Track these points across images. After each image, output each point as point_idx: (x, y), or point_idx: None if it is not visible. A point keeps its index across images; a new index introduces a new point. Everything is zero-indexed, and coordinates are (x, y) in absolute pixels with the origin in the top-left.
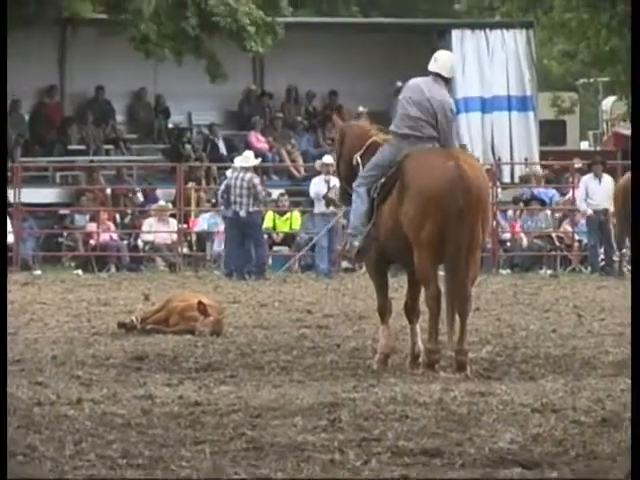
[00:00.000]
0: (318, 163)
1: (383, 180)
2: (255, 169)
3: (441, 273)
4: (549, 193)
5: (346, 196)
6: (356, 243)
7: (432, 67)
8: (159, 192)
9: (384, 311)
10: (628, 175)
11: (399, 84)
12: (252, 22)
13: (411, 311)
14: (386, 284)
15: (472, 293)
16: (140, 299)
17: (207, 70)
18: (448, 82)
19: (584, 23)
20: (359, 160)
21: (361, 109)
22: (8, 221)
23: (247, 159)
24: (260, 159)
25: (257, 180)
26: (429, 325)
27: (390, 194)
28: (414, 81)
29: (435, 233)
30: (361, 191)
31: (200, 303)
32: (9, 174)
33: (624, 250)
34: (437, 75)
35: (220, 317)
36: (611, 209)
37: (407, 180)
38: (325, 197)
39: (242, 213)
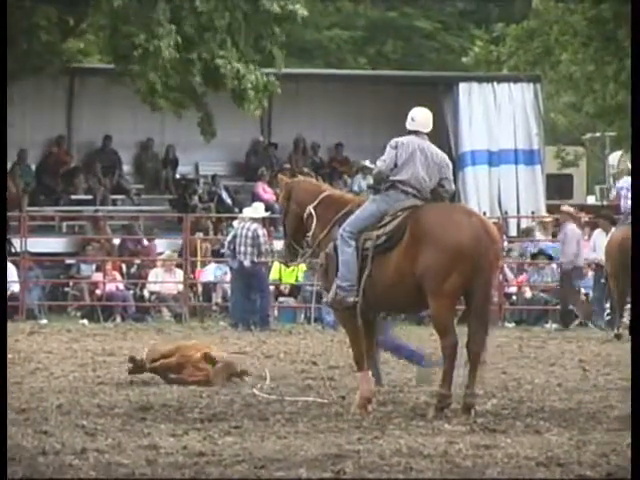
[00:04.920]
0: None
1: (380, 232)
2: (262, 220)
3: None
4: (557, 246)
5: (292, 251)
6: (350, 299)
7: (411, 126)
8: (166, 242)
9: (361, 358)
10: (621, 230)
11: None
12: (254, 87)
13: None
14: (362, 333)
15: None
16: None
17: (199, 124)
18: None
19: (591, 76)
20: (312, 211)
21: (368, 164)
22: (15, 270)
23: (256, 210)
24: (269, 211)
25: (261, 231)
26: (444, 372)
27: (397, 246)
28: (407, 140)
29: (459, 285)
30: (351, 242)
31: (206, 354)
32: (16, 223)
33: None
34: (417, 132)
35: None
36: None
37: (428, 233)
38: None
39: (246, 263)
